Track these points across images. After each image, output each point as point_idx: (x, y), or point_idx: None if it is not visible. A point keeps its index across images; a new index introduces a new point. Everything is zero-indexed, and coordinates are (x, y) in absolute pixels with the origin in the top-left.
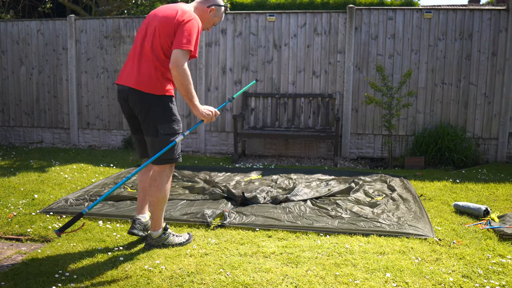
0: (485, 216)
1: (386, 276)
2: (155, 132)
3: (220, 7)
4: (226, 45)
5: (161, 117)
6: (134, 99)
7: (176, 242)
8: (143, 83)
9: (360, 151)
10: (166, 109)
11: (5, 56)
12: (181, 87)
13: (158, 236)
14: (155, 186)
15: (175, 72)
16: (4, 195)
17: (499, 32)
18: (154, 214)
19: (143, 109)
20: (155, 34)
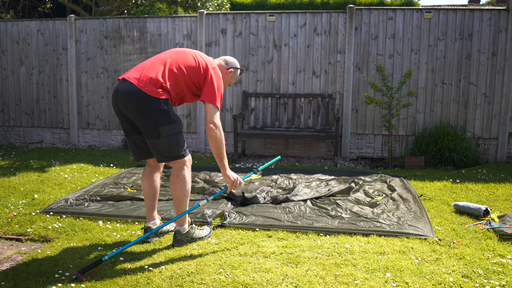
0: (485, 216)
1: (386, 276)
2: (157, 135)
3: (237, 70)
4: (226, 45)
5: (161, 118)
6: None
7: (202, 235)
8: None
9: (360, 151)
10: (164, 110)
11: (5, 56)
12: (216, 145)
13: (186, 232)
14: (179, 181)
15: (213, 132)
16: (4, 195)
17: (499, 32)
18: (179, 209)
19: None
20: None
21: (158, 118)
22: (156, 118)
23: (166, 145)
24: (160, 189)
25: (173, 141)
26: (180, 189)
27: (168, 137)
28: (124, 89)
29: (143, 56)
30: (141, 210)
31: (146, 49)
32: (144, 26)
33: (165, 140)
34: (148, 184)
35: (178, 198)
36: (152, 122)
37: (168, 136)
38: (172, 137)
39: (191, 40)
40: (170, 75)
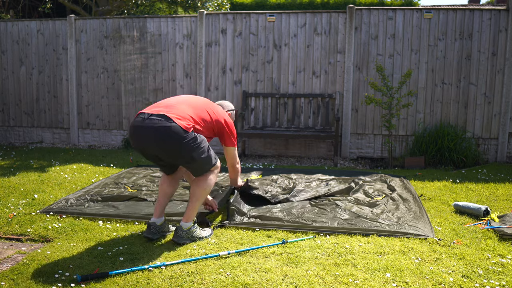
0: (485, 216)
1: (386, 276)
2: (191, 160)
3: (233, 111)
4: (226, 45)
5: (191, 147)
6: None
7: (202, 235)
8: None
9: (360, 151)
10: (192, 140)
11: (5, 56)
12: (234, 175)
13: (188, 228)
14: (204, 180)
15: (235, 168)
16: (4, 195)
17: (499, 32)
18: (194, 205)
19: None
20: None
21: (189, 147)
22: (188, 148)
23: (202, 164)
24: None
25: (207, 159)
26: (202, 188)
27: (202, 158)
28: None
29: (143, 56)
30: (142, 211)
31: (146, 49)
32: (144, 26)
33: (200, 161)
34: (168, 182)
35: (196, 196)
36: (184, 152)
37: (201, 157)
38: (205, 156)
39: (191, 40)
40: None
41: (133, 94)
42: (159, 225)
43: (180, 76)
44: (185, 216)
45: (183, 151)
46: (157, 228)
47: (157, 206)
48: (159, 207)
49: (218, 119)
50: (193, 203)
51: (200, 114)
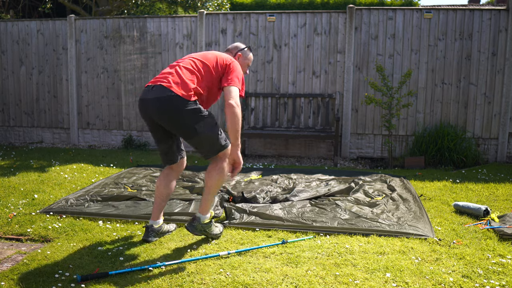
0: (485, 216)
1: (386, 276)
2: (195, 134)
3: (244, 50)
4: (226, 45)
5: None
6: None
7: (215, 232)
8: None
9: (360, 151)
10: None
11: (5, 56)
12: (233, 122)
13: (206, 222)
14: (217, 169)
15: (232, 109)
16: (4, 195)
17: (499, 32)
18: (208, 197)
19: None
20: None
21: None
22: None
23: (208, 140)
24: None
25: (213, 135)
26: (215, 179)
27: (206, 133)
28: (155, 95)
29: (143, 56)
30: (141, 210)
31: (146, 49)
32: (144, 26)
33: (205, 136)
34: (164, 184)
35: (210, 187)
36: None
37: (206, 132)
38: (210, 131)
39: (191, 40)
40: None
41: (133, 94)
42: (157, 227)
43: None
44: (200, 208)
45: (184, 121)
46: (155, 231)
47: (153, 208)
48: (156, 209)
49: (223, 65)
50: (205, 195)
51: (204, 77)
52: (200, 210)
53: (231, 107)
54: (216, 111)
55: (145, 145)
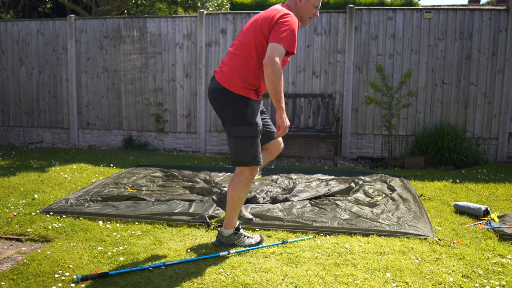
0: (485, 216)
1: (386, 276)
2: (229, 134)
3: None
4: (226, 45)
5: (234, 118)
6: (214, 95)
7: (247, 243)
8: (224, 78)
9: (360, 151)
10: (240, 111)
11: (5, 56)
12: (271, 84)
13: (228, 235)
14: (232, 186)
15: (268, 69)
16: (4, 195)
17: (499, 32)
18: (228, 212)
19: (220, 106)
20: (252, 33)
21: (234, 116)
22: (232, 115)
23: (234, 146)
24: (160, 188)
25: (241, 145)
26: (230, 195)
27: (238, 138)
28: (210, 86)
29: (143, 56)
30: (142, 210)
31: (146, 49)
32: (144, 26)
33: (234, 141)
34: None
35: (228, 202)
36: (227, 119)
37: (238, 137)
38: (242, 139)
39: (191, 40)
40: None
41: (133, 94)
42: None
43: (180, 76)
44: (224, 222)
45: (224, 118)
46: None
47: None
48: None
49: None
50: (228, 210)
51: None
52: (224, 225)
53: (264, 68)
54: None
55: (145, 145)
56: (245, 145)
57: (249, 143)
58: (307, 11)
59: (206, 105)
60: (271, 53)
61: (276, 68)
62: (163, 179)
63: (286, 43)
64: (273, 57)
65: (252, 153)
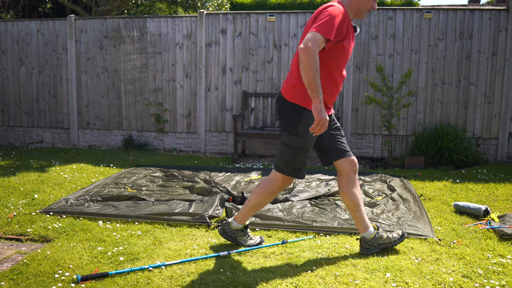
0: (485, 216)
1: (386, 276)
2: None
3: None
4: (226, 45)
5: (288, 125)
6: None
7: (248, 243)
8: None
9: (360, 151)
10: (295, 120)
11: (5, 56)
12: (304, 71)
13: (235, 229)
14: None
15: (302, 55)
16: (4, 195)
17: (499, 32)
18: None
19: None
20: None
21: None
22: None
23: (280, 152)
24: (160, 188)
25: (285, 152)
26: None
27: (284, 145)
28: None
29: (143, 56)
30: (142, 210)
31: (146, 49)
32: (144, 26)
33: (281, 147)
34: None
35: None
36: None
37: (284, 144)
38: (287, 147)
39: (191, 40)
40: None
41: (133, 94)
42: (370, 238)
43: (180, 76)
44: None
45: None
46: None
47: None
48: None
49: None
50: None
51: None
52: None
53: (300, 53)
54: (216, 113)
55: (145, 145)
56: (287, 154)
57: (292, 153)
58: (364, 3)
59: (206, 105)
60: (305, 40)
61: (308, 55)
62: (163, 179)
63: (322, 30)
64: (306, 44)
65: (293, 164)
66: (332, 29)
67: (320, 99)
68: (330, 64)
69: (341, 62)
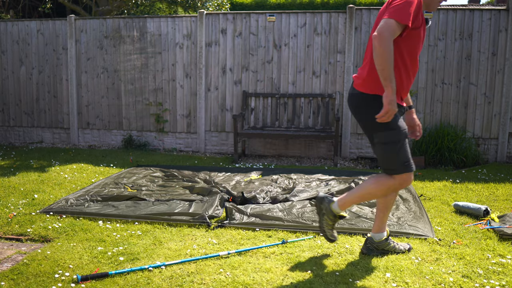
0: (485, 216)
1: (386, 276)
2: (371, 140)
3: None
4: (226, 45)
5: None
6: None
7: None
8: (359, 82)
9: (360, 151)
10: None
11: (5, 56)
12: (378, 59)
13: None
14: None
15: (375, 42)
16: (4, 195)
17: (499, 32)
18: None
19: (355, 110)
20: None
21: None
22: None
23: (380, 153)
24: (160, 188)
25: (387, 151)
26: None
27: (381, 144)
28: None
29: (143, 56)
30: (142, 210)
31: (146, 49)
32: (144, 26)
33: (379, 148)
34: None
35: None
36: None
37: (381, 143)
38: (386, 146)
39: (191, 40)
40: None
41: (133, 94)
42: (377, 241)
43: (180, 76)
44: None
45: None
46: (374, 245)
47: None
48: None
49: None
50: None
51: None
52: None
53: (373, 40)
54: (216, 113)
55: (145, 145)
56: (389, 152)
57: (394, 149)
58: None
59: (206, 105)
60: (379, 27)
61: (382, 42)
62: (163, 179)
63: (397, 16)
64: (380, 31)
65: (400, 159)
66: (408, 14)
67: (392, 88)
68: (405, 52)
69: (416, 51)
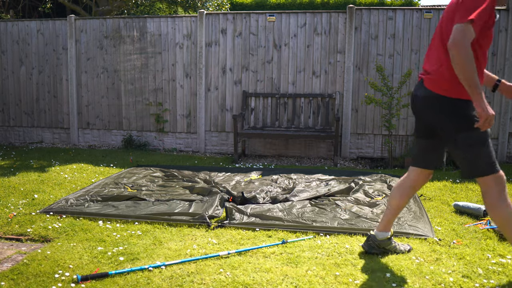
0: (485, 216)
1: (386, 276)
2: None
3: None
4: (226, 45)
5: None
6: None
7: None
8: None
9: (360, 151)
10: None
11: (5, 56)
12: (458, 69)
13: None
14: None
15: (452, 51)
16: (4, 195)
17: (499, 32)
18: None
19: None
20: (441, 25)
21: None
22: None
23: (463, 157)
24: (160, 188)
25: (473, 153)
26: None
27: (465, 147)
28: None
29: (143, 56)
30: (142, 210)
31: (146, 49)
32: (144, 26)
33: (462, 151)
34: (399, 196)
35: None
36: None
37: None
38: (470, 148)
39: (191, 40)
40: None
41: (133, 94)
42: (379, 240)
43: (180, 76)
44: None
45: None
46: (376, 243)
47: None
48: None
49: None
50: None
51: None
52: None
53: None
54: (216, 113)
55: (145, 145)
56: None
57: (481, 149)
58: None
59: (206, 105)
60: (453, 34)
61: (461, 51)
62: (163, 179)
63: (472, 17)
64: (456, 38)
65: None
66: (483, 13)
67: (480, 95)
68: (479, 52)
69: (487, 48)
